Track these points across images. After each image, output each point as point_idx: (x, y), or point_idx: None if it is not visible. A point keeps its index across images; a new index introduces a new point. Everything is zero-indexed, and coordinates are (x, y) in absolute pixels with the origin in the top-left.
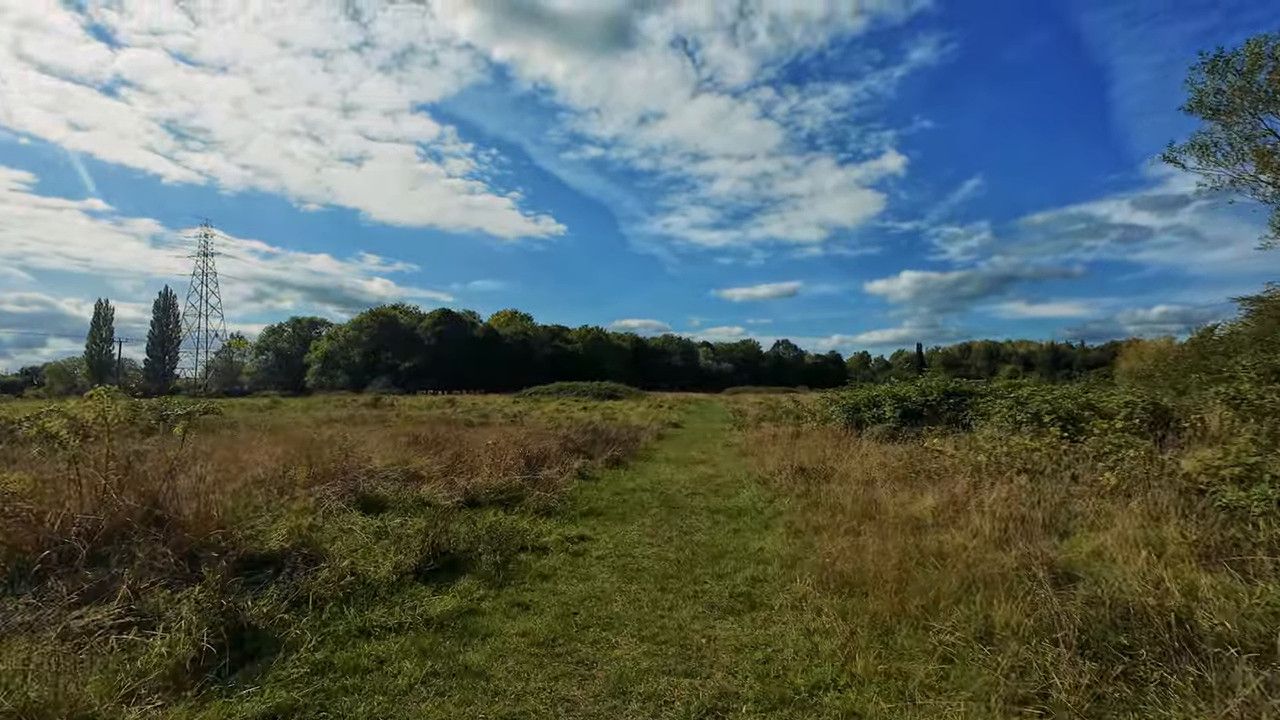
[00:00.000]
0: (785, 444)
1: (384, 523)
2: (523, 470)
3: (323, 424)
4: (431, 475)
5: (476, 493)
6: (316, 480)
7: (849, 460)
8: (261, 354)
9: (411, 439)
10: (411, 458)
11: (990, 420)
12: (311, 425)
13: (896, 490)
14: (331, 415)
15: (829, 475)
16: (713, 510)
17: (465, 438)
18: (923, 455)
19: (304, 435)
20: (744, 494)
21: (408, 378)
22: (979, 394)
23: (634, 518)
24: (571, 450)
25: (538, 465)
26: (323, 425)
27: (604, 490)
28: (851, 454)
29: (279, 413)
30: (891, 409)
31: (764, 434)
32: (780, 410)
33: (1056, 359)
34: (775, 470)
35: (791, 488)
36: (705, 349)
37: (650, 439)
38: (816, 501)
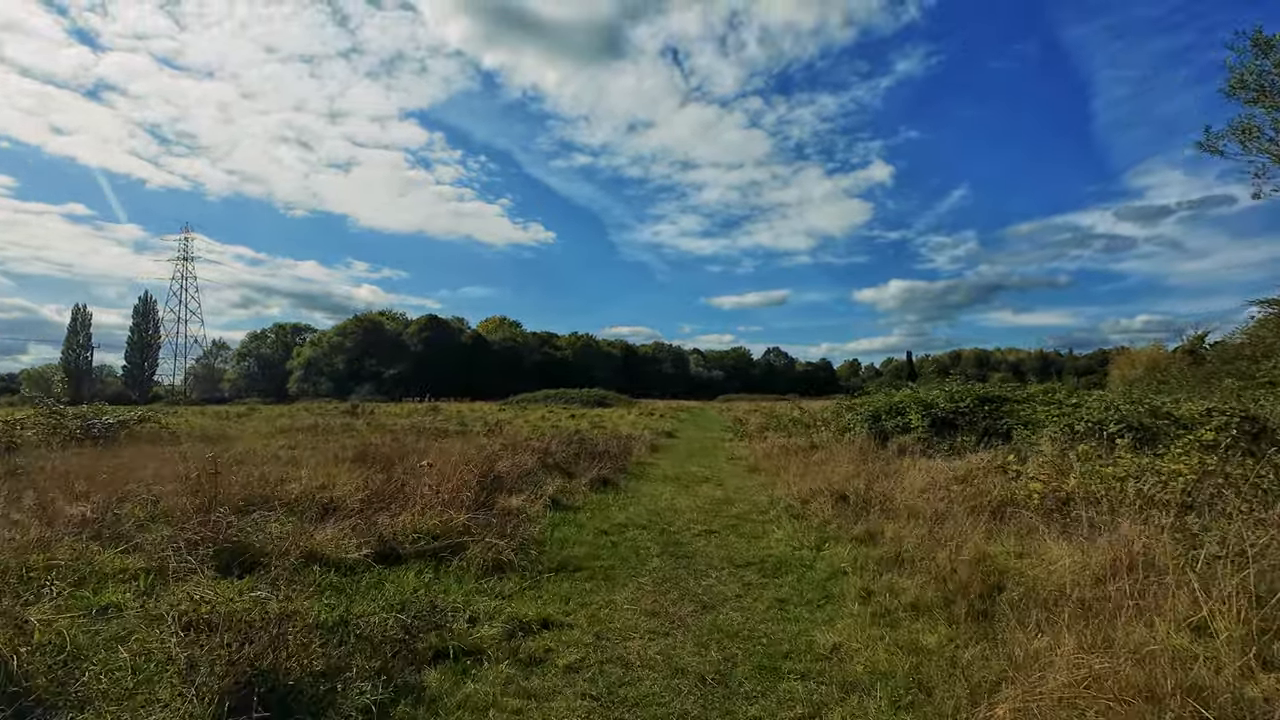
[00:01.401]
0: (803, 459)
1: (214, 607)
2: (475, 499)
3: (280, 434)
4: (349, 508)
5: (399, 538)
6: (199, 511)
7: (892, 482)
8: (243, 360)
9: (359, 454)
10: (339, 479)
11: (1041, 431)
12: (265, 436)
13: (994, 533)
14: (298, 424)
15: (881, 505)
16: (738, 563)
17: (430, 451)
18: (984, 476)
19: (242, 450)
20: (775, 533)
21: (393, 385)
22: (1015, 400)
23: (625, 577)
24: (550, 467)
25: (498, 491)
26: (279, 436)
27: (586, 526)
28: (892, 473)
29: (244, 421)
30: (919, 417)
31: (771, 446)
32: (786, 419)
33: (1046, 367)
34: (805, 496)
35: (837, 524)
36: (696, 356)
37: (643, 451)
38: (895, 557)
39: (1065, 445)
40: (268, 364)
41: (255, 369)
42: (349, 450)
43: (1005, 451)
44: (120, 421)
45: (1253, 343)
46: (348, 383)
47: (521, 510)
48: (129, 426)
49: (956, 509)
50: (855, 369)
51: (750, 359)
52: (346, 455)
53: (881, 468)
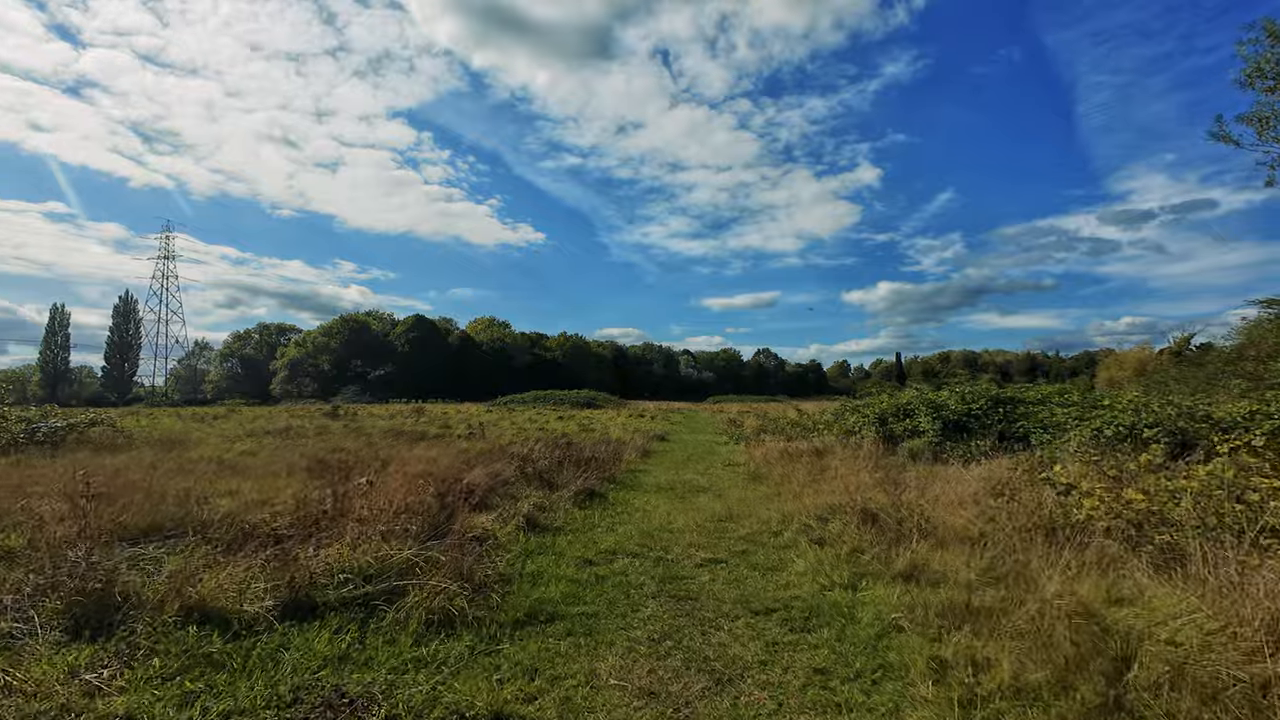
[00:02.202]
0: (809, 466)
1: None
2: (430, 523)
3: (249, 438)
4: (273, 534)
5: (319, 581)
6: (68, 544)
7: (915, 492)
8: (226, 361)
9: (316, 462)
10: (284, 493)
11: (1065, 435)
12: (231, 440)
13: (1066, 564)
14: (272, 426)
15: (918, 526)
16: (755, 608)
17: (396, 458)
18: (1027, 488)
19: (196, 456)
20: (795, 563)
21: (379, 386)
22: (1029, 402)
23: (612, 632)
24: (529, 477)
25: (464, 508)
26: (246, 439)
27: (566, 555)
28: (912, 483)
29: (218, 424)
30: (929, 420)
31: (770, 450)
32: (783, 422)
33: (1033, 368)
34: (821, 512)
35: (872, 554)
36: (686, 358)
37: (634, 456)
38: (964, 607)
39: (1095, 451)
40: (251, 365)
41: (239, 370)
42: (308, 458)
43: (1027, 458)
44: (69, 425)
45: (1255, 343)
46: (333, 384)
47: (489, 534)
48: (78, 430)
49: (1005, 530)
50: (844, 370)
51: (740, 360)
52: (302, 464)
53: (898, 476)
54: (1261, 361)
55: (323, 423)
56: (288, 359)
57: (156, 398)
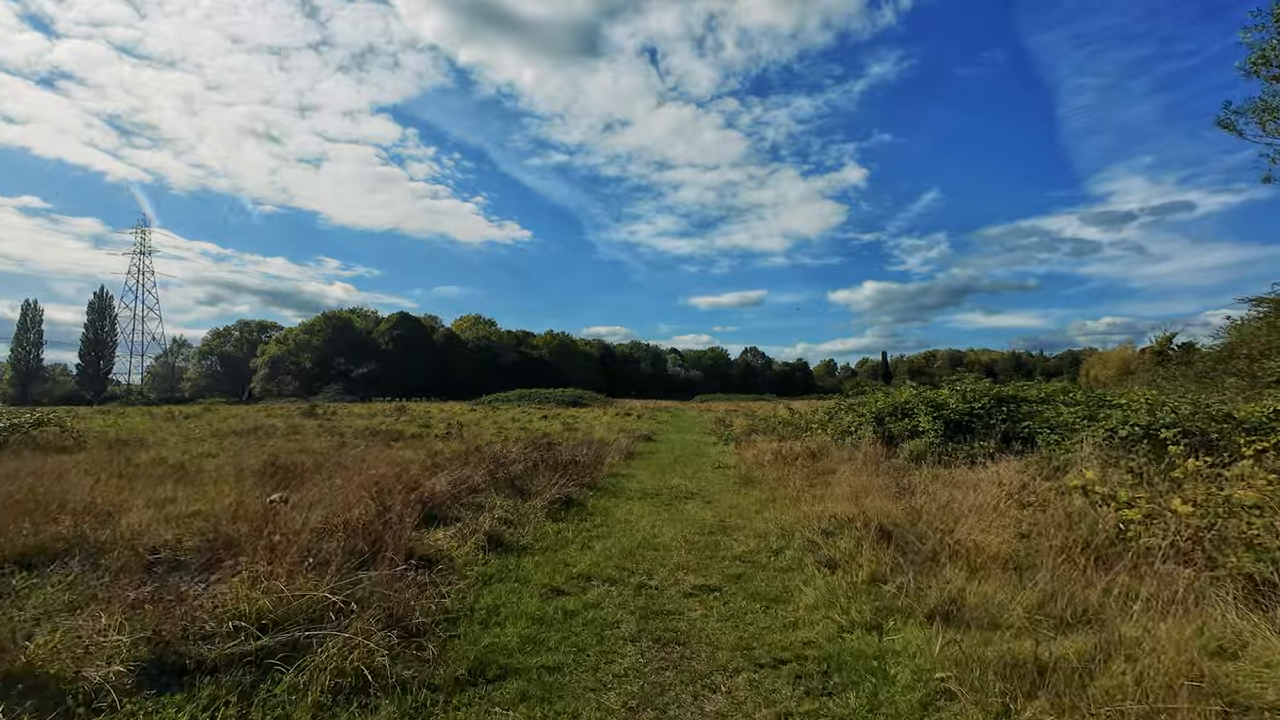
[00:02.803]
0: (805, 470)
1: None
2: (371, 543)
3: (215, 438)
4: (167, 561)
5: (199, 630)
6: None
7: (924, 498)
8: (205, 359)
9: (269, 466)
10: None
11: (1075, 436)
12: (195, 440)
13: (1153, 610)
14: (245, 426)
15: (941, 543)
16: (759, 658)
17: (361, 461)
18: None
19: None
20: (804, 593)
21: (362, 385)
22: (1033, 400)
23: (579, 694)
24: (500, 483)
25: (407, 525)
26: (211, 440)
27: (531, 581)
28: (920, 489)
29: (188, 423)
30: (929, 419)
31: (762, 452)
32: (774, 421)
33: (1018, 367)
34: (826, 524)
35: (897, 584)
36: (673, 356)
37: (618, 458)
38: (1032, 665)
39: (1112, 453)
40: (231, 363)
41: (218, 368)
42: (263, 461)
43: (1037, 460)
44: (12, 425)
45: (1247, 342)
46: (315, 382)
47: (442, 556)
48: (22, 431)
49: (1042, 549)
50: (831, 369)
51: (728, 359)
52: (253, 468)
53: (904, 481)
54: (1254, 360)
55: (298, 422)
56: (268, 357)
57: (132, 396)
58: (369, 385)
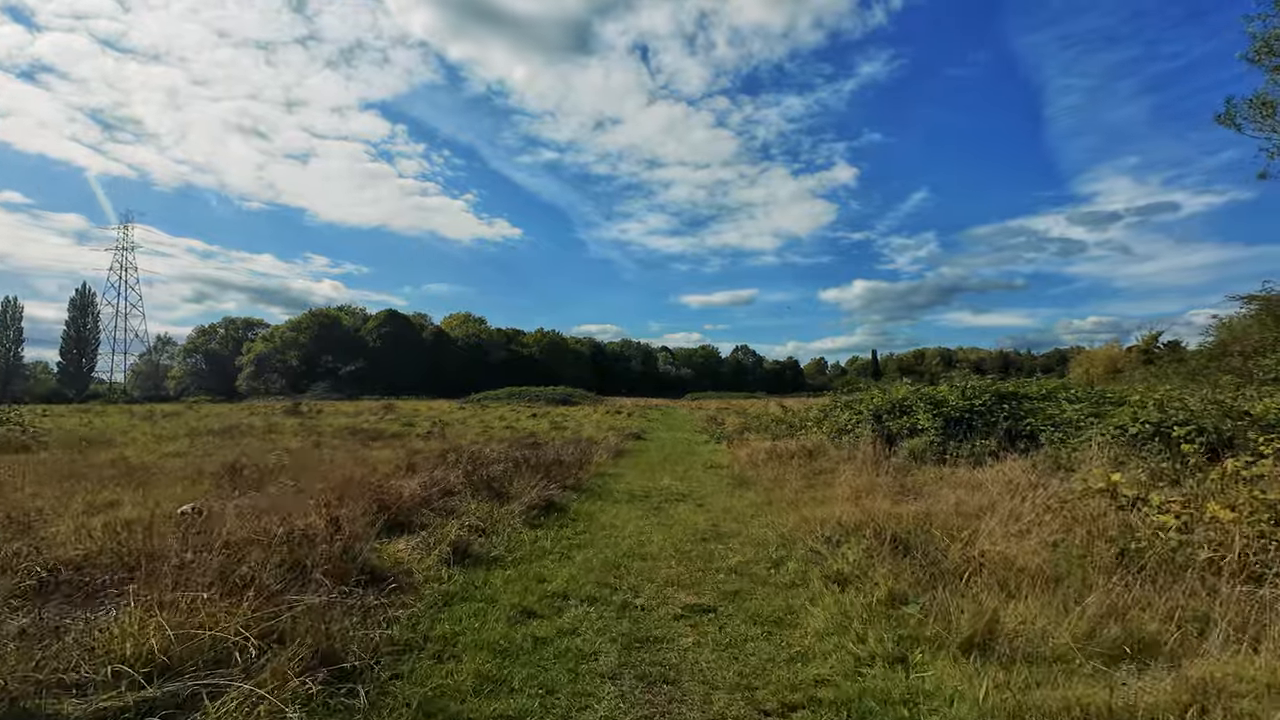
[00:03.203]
0: (801, 469)
1: None
2: (321, 557)
3: (189, 436)
4: (72, 583)
5: (60, 680)
6: None
7: (930, 500)
8: (190, 356)
9: (229, 468)
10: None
11: (1081, 434)
12: (167, 440)
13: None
14: (223, 425)
15: (963, 555)
16: (765, 703)
17: (330, 463)
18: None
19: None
20: (811, 614)
21: (350, 382)
22: (1033, 397)
23: None
24: (477, 486)
25: (362, 534)
26: (184, 439)
27: (499, 601)
28: (924, 490)
29: (166, 422)
30: (928, 417)
31: (756, 451)
32: (767, 419)
33: (1006, 366)
34: (830, 531)
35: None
36: (664, 354)
37: (606, 457)
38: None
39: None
40: (217, 360)
41: (203, 365)
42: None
43: (1043, 459)
44: None
45: (1239, 339)
46: (302, 380)
47: (401, 571)
48: None
49: (1075, 561)
50: (822, 367)
51: (719, 357)
52: (215, 469)
53: (907, 482)
54: (1248, 357)
55: (279, 421)
56: (254, 354)
57: (115, 394)
58: (357, 383)
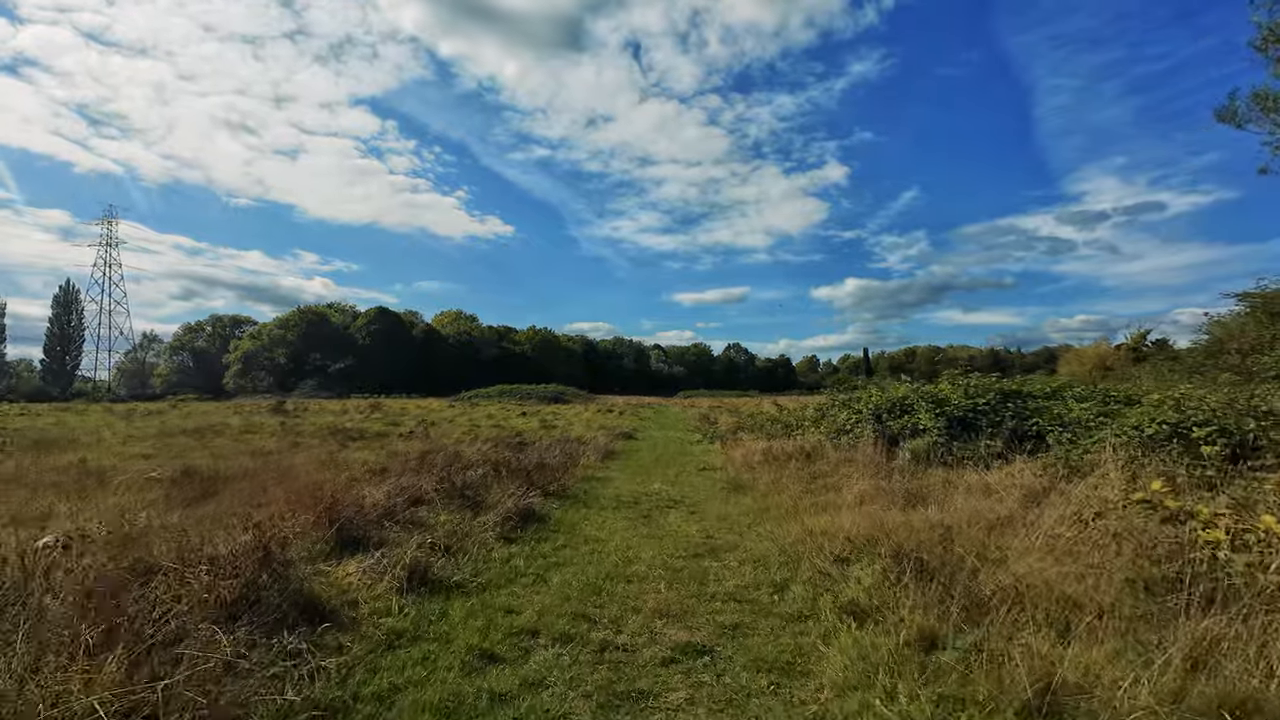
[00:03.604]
0: (799, 473)
1: None
2: (249, 586)
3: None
4: None
5: None
6: None
7: (941, 513)
8: (176, 354)
9: (185, 472)
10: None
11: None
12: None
13: None
14: (204, 424)
15: (996, 583)
16: None
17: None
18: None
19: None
20: (828, 657)
21: (339, 380)
22: (1038, 396)
23: None
24: (450, 493)
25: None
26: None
27: (454, 641)
28: (934, 495)
29: (140, 421)
30: (930, 417)
31: (751, 452)
32: (762, 418)
33: (996, 364)
34: (838, 548)
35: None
36: (656, 352)
37: (594, 459)
38: None
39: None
40: (204, 358)
41: (190, 363)
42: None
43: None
44: None
45: (1236, 337)
46: (290, 378)
47: (346, 600)
48: None
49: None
50: (814, 365)
51: (711, 355)
52: (170, 475)
53: (914, 486)
54: (1245, 354)
55: (261, 420)
56: (241, 352)
57: (99, 393)
58: (346, 381)
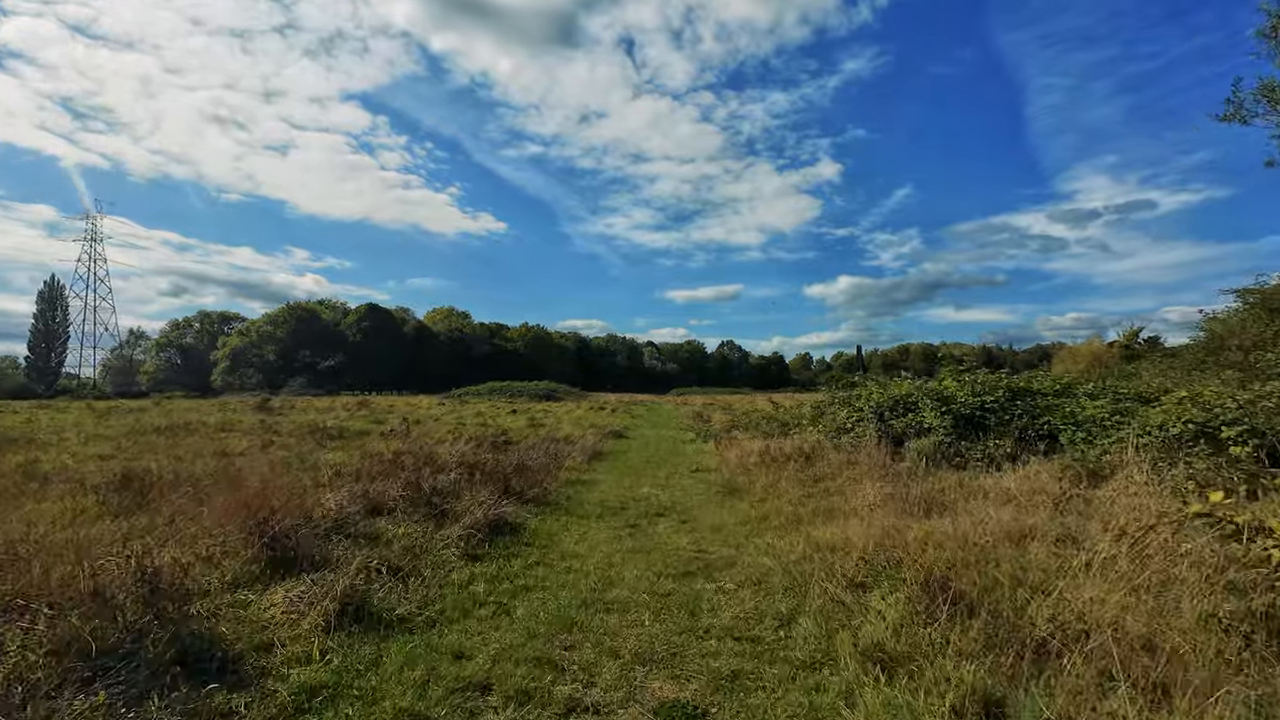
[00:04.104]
0: (799, 476)
1: None
2: (123, 629)
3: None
4: None
5: None
6: None
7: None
8: (164, 351)
9: (121, 478)
10: None
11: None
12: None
13: None
14: (182, 421)
15: (1053, 624)
16: None
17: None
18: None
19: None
20: None
21: (329, 377)
22: (1047, 394)
23: None
24: (415, 501)
25: (192, 591)
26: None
27: (379, 703)
28: (948, 501)
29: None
30: (935, 415)
31: (746, 452)
32: (757, 417)
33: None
34: (853, 569)
35: (1010, 709)
36: (650, 349)
37: (580, 460)
38: None
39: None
40: (192, 355)
41: (177, 360)
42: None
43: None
44: None
45: (1237, 333)
46: (279, 375)
47: (259, 642)
48: None
49: (1188, 625)
50: (807, 362)
51: (704, 352)
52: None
53: (930, 493)
54: (1248, 351)
55: (241, 418)
56: (229, 349)
57: (84, 390)
58: (336, 379)
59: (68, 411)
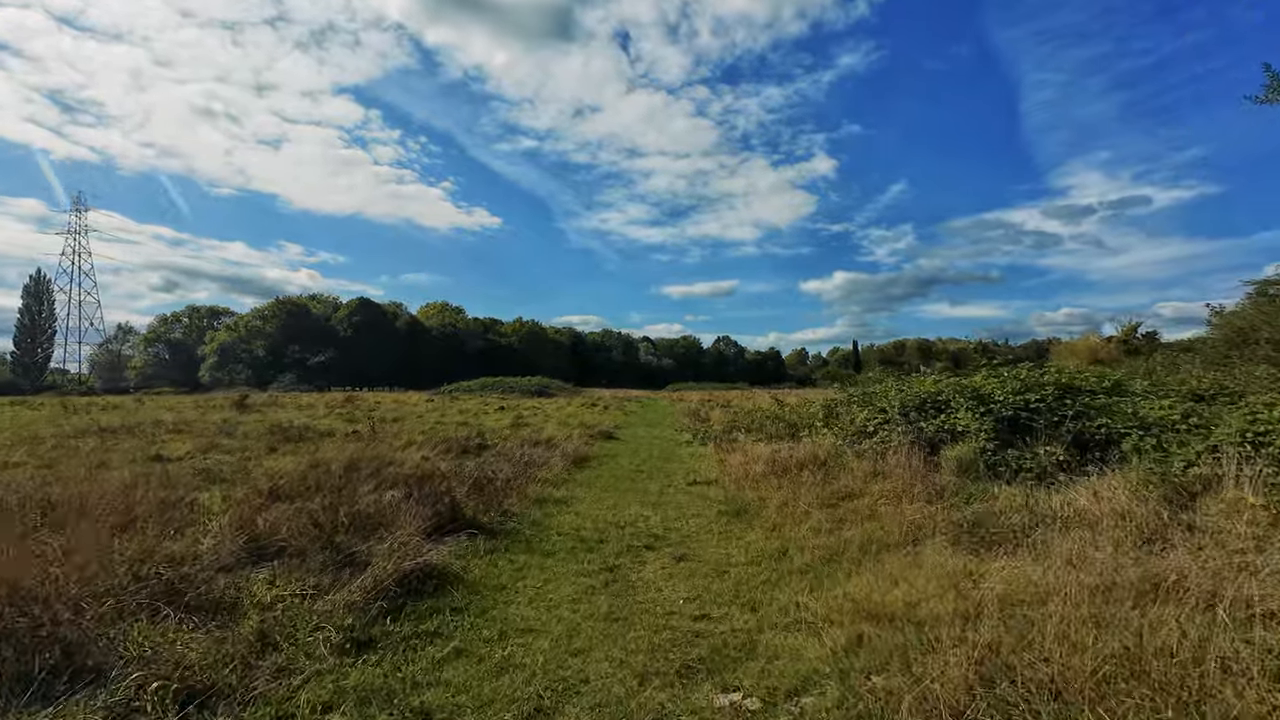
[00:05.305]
0: (818, 491)
1: None
2: None
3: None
4: None
5: None
6: None
7: (1118, 579)
8: (151, 346)
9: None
10: None
11: (1202, 445)
12: (22, 443)
13: None
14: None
15: None
16: None
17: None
18: None
19: None
20: None
21: (319, 373)
22: (1095, 391)
23: None
24: (317, 541)
25: None
26: (39, 443)
27: None
28: (1034, 536)
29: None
30: (972, 417)
31: (751, 458)
32: (759, 415)
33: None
34: (954, 692)
35: None
36: (645, 345)
37: (560, 467)
38: None
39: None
40: (180, 350)
41: (165, 355)
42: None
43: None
44: None
45: (1257, 327)
46: (268, 371)
47: None
48: None
49: None
50: (803, 358)
51: (700, 347)
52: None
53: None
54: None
55: (209, 417)
56: (217, 344)
57: (70, 385)
58: (326, 374)
59: (38, 408)
